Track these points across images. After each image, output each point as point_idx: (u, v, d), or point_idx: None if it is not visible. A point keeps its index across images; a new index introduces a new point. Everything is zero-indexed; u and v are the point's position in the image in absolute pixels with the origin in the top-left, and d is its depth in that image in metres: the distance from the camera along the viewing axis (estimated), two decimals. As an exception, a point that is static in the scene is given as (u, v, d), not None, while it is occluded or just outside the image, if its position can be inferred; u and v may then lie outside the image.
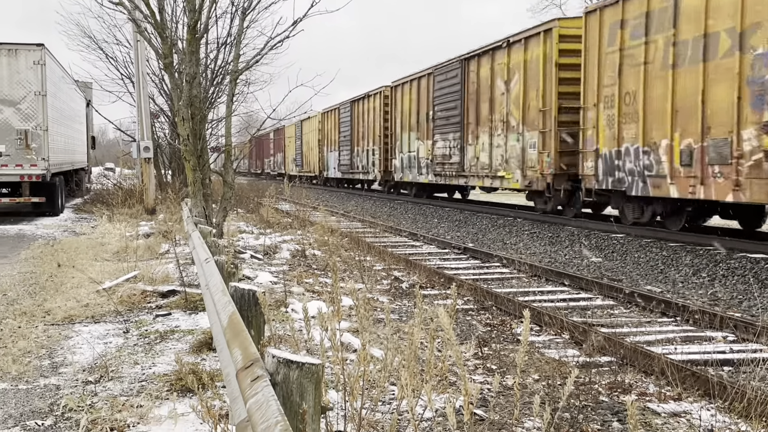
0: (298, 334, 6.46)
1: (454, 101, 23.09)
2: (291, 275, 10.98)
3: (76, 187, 30.49)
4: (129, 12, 13.84)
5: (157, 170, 26.95)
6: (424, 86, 26.13)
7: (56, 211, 22.05)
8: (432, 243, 15.59)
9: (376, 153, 32.25)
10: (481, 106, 21.20)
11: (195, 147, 12.44)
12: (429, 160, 25.46)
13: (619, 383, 5.84)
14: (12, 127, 19.75)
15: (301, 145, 49.23)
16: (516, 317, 8.32)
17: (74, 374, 6.10)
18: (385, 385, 4.15)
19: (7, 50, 19.78)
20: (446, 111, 23.80)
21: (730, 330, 7.48)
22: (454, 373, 5.82)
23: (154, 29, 12.76)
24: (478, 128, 21.40)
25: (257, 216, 20.99)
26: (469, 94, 22.03)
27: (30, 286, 10.19)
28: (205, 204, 12.71)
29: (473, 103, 21.73)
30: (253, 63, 15.35)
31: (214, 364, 6.02)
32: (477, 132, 21.51)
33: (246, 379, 2.91)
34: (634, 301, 9.07)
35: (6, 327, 7.69)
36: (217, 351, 4.50)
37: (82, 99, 30.99)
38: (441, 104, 24.27)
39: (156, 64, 26.28)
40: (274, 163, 63.10)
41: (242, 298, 4.62)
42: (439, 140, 24.42)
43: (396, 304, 9.23)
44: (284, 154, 56.98)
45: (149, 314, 8.43)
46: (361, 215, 23.03)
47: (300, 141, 49.61)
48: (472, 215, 20.95)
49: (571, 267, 12.18)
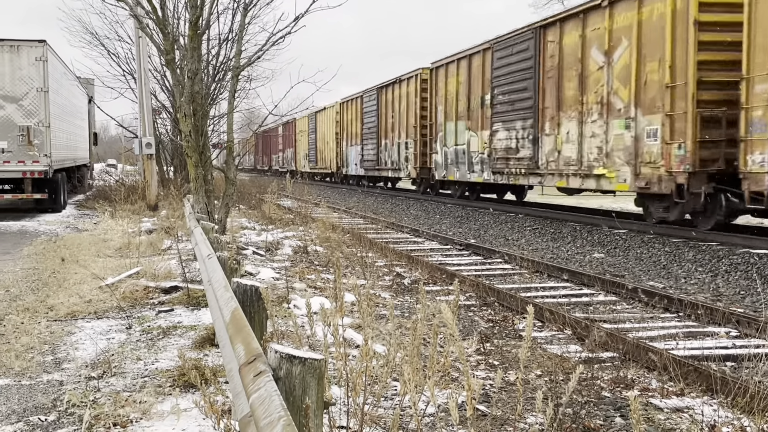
0: (300, 329, 6.46)
1: (523, 81, 18.72)
2: (293, 271, 10.98)
3: (79, 184, 30.53)
4: (131, 8, 13.83)
5: (159, 166, 26.95)
6: (477, 65, 21.52)
7: (58, 208, 22.07)
8: (434, 239, 15.58)
9: (410, 147, 27.98)
10: (565, 86, 16.88)
11: (197, 143, 12.43)
12: (485, 154, 21.09)
13: (622, 379, 5.84)
14: (14, 124, 19.75)
15: (316, 139, 44.99)
16: (518, 313, 8.32)
17: (77, 370, 6.11)
18: (388, 381, 4.15)
19: (9, 47, 19.78)
20: (511, 94, 19.39)
21: (733, 325, 7.48)
22: (456, 369, 5.83)
23: (156, 25, 12.73)
24: (560, 113, 17.08)
25: (259, 212, 20.99)
26: (546, 71, 17.69)
27: (33, 282, 10.20)
28: (207, 200, 12.70)
29: (552, 81, 17.41)
30: (254, 59, 15.31)
31: (216, 360, 6.03)
32: (558, 118, 17.15)
33: (249, 374, 2.91)
34: (636, 296, 9.06)
35: (9, 323, 7.70)
36: (220, 346, 4.50)
37: (84, 95, 30.99)
38: (503, 85, 19.80)
39: (158, 61, 26.25)
40: (283, 159, 58.00)
41: (245, 294, 4.62)
42: (501, 130, 19.99)
43: (398, 300, 9.23)
44: (295, 149, 52.30)
45: (152, 310, 8.43)
46: (363, 211, 23.02)
47: (314, 135, 45.27)
48: (474, 211, 20.93)
49: (574, 263, 12.17)
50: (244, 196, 25.59)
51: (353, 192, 34.26)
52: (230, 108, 13.78)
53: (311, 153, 46.59)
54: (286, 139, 55.71)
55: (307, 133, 47.24)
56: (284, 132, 55.56)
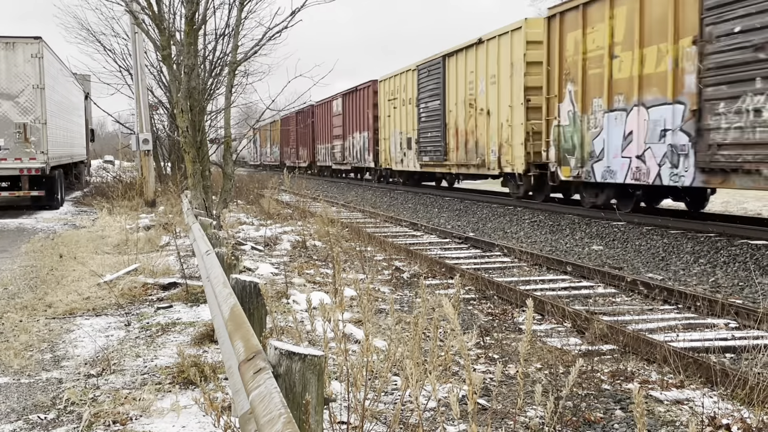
0: (300, 325, 6.46)
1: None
2: (292, 266, 10.97)
3: (76, 180, 30.48)
4: (126, 4, 13.79)
5: (156, 162, 26.92)
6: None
7: (56, 205, 22.03)
8: (432, 233, 15.57)
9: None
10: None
11: (194, 139, 12.41)
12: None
13: (622, 371, 5.83)
14: (11, 121, 19.71)
15: (444, 112, 23.94)
16: (518, 306, 8.32)
17: (76, 368, 6.10)
18: (388, 376, 4.14)
19: (4, 43, 19.72)
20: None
21: (732, 317, 7.48)
22: (456, 363, 5.82)
23: (152, 21, 12.70)
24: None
25: (257, 207, 20.97)
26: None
27: (31, 280, 10.18)
28: (205, 196, 12.69)
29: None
30: (251, 54, 15.29)
31: (216, 356, 6.02)
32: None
33: (248, 371, 2.90)
34: (635, 288, 9.06)
35: (7, 321, 7.69)
36: (219, 343, 4.49)
37: (80, 92, 30.92)
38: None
39: (154, 56, 26.19)
40: (343, 150, 37.00)
41: (243, 290, 4.61)
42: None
43: (397, 294, 9.22)
44: (375, 133, 31.80)
45: (150, 307, 8.42)
46: (361, 205, 23.00)
47: (440, 101, 24.09)
48: (472, 204, 20.92)
49: (573, 255, 12.17)
50: (241, 191, 25.58)
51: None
52: (227, 103, 13.76)
53: (431, 136, 25.30)
54: (351, 117, 35.54)
55: (415, 103, 26.67)
56: (350, 105, 35.77)
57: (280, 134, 54.79)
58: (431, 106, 24.95)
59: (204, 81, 19.23)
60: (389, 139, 30.01)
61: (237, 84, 25.29)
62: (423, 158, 25.98)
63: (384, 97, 30.39)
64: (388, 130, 30.00)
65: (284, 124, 52.26)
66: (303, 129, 46.08)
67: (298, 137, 48.80)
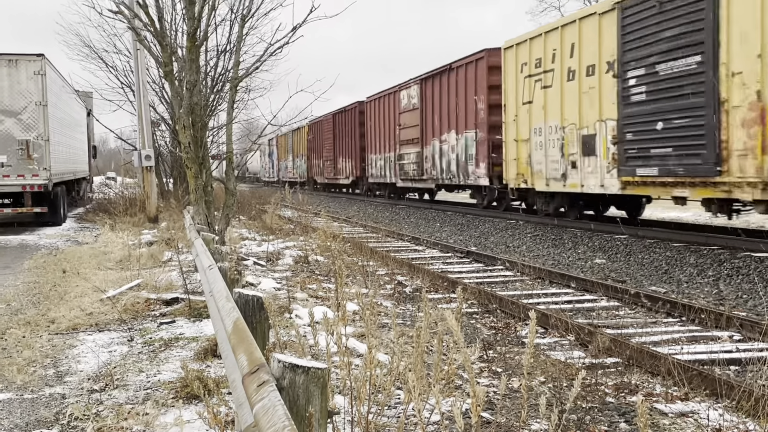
0: (303, 339, 6.45)
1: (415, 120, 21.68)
2: (294, 281, 10.97)
3: (78, 197, 30.54)
4: (128, 21, 13.85)
5: (158, 178, 26.97)
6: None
7: (58, 221, 22.06)
8: (435, 247, 15.57)
9: None
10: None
11: (196, 154, 12.44)
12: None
13: (626, 384, 5.82)
14: (13, 138, 19.77)
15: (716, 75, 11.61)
16: (520, 320, 8.30)
17: (79, 383, 6.09)
18: (392, 389, 4.13)
19: (7, 61, 19.81)
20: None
21: (736, 329, 7.46)
22: (459, 377, 5.81)
23: (154, 37, 12.77)
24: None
25: (260, 223, 20.99)
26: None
27: (34, 296, 10.19)
28: (208, 211, 12.70)
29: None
30: (253, 70, 15.35)
31: (219, 371, 6.01)
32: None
33: (252, 384, 2.90)
34: (639, 301, 9.04)
35: (11, 337, 7.69)
36: (222, 357, 4.49)
37: (82, 108, 31.04)
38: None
39: (156, 73, 26.35)
40: (421, 161, 26.00)
41: (246, 304, 4.61)
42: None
43: (400, 308, 9.21)
44: (491, 132, 20.74)
45: (153, 322, 8.42)
46: (363, 220, 23.01)
47: (708, 53, 11.62)
48: (474, 219, 20.92)
49: (575, 269, 12.16)
50: (243, 207, 25.61)
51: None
52: (229, 119, 13.80)
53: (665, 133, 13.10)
54: (449, 107, 23.54)
55: (616, 66, 14.47)
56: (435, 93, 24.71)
57: (308, 143, 45.19)
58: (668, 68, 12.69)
59: (206, 97, 19.33)
60: (529, 141, 18.04)
61: (239, 100, 25.48)
62: (638, 168, 13.68)
63: (515, 72, 18.75)
64: (526, 124, 18.16)
65: (315, 131, 43.34)
66: (345, 134, 36.35)
67: (338, 145, 37.99)
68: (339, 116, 37.82)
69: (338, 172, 38.28)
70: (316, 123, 42.58)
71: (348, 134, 36.02)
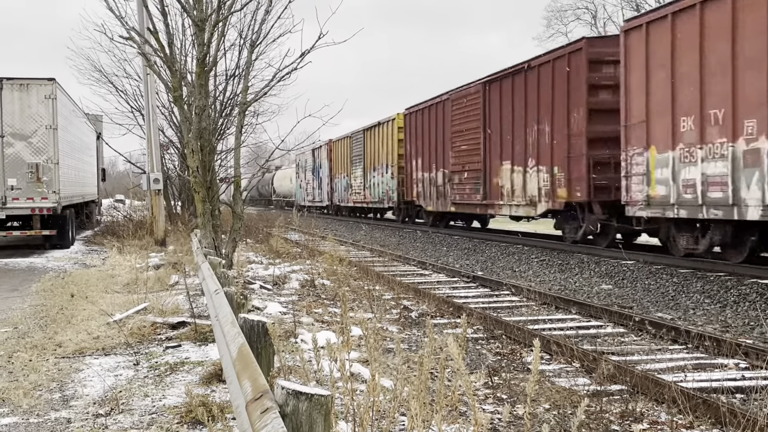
0: (307, 364, 6.46)
1: None
2: (300, 305, 10.98)
3: (87, 219, 30.66)
4: (139, 46, 14.02)
5: (166, 202, 27.10)
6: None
7: (67, 244, 22.16)
8: (441, 272, 15.57)
9: None
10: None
11: (204, 178, 12.53)
12: None
13: (631, 412, 5.80)
14: (23, 161, 19.93)
15: None
16: (526, 346, 8.30)
17: (85, 407, 6.11)
18: (395, 416, 4.14)
19: (19, 85, 20.02)
20: None
21: (741, 357, 7.44)
22: (464, 403, 5.81)
23: (164, 63, 12.91)
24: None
25: (266, 246, 21.04)
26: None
27: (41, 319, 10.23)
28: (215, 235, 12.76)
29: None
30: (261, 95, 15.50)
31: (224, 396, 6.02)
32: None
33: (256, 410, 2.93)
34: (644, 328, 9.03)
35: (17, 360, 7.72)
36: (227, 383, 4.51)
37: (92, 132, 31.27)
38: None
39: (165, 97, 26.56)
40: None
41: (251, 330, 4.64)
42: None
43: (405, 333, 9.22)
44: None
45: (159, 346, 8.44)
46: (370, 244, 23.04)
47: None
48: (481, 243, 20.92)
49: (581, 294, 12.14)
50: (250, 230, 25.67)
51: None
52: (237, 143, 13.90)
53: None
54: None
55: None
56: None
57: (409, 140, 28.49)
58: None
59: (214, 121, 19.47)
60: None
61: (247, 124, 25.64)
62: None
63: None
64: None
65: (417, 121, 27.52)
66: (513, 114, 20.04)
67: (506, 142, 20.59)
68: (492, 87, 21.44)
69: (498, 196, 21.06)
70: (423, 109, 26.83)
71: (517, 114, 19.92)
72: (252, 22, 20.12)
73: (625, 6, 46.52)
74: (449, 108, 24.33)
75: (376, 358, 4.09)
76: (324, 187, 44.00)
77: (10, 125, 19.86)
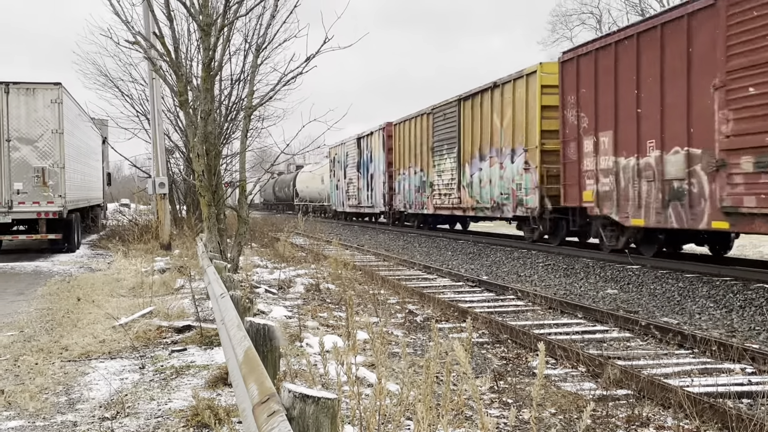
0: (313, 368, 6.47)
1: None
2: (305, 309, 10.99)
3: (92, 223, 30.71)
4: (144, 51, 14.05)
5: (172, 206, 27.13)
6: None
7: (72, 248, 22.21)
8: (446, 276, 15.56)
9: None
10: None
11: (210, 182, 12.55)
12: None
13: (637, 416, 5.79)
14: (29, 165, 19.99)
15: None
16: (531, 350, 8.28)
17: (91, 411, 6.12)
18: (401, 420, 4.14)
19: (25, 89, 20.09)
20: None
21: (748, 361, 7.42)
22: (470, 407, 5.80)
23: (170, 67, 12.95)
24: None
25: (272, 250, 21.05)
26: None
27: (47, 323, 10.25)
28: (220, 239, 12.78)
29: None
30: (266, 99, 15.53)
31: (229, 399, 6.03)
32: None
33: (262, 414, 2.93)
34: (650, 332, 9.01)
35: (23, 363, 7.73)
36: (233, 386, 4.51)
37: (98, 136, 31.34)
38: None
39: (171, 101, 26.62)
40: None
41: (257, 333, 4.64)
42: None
43: (411, 337, 9.21)
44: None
45: (165, 350, 8.45)
46: (375, 248, 23.04)
47: None
48: (485, 248, 20.90)
49: (587, 299, 12.13)
50: (255, 234, 25.69)
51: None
52: (243, 147, 13.92)
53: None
54: None
55: None
56: None
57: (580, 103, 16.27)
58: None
59: (220, 125, 19.50)
60: None
61: (252, 128, 25.63)
62: None
63: None
64: None
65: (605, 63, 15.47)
66: None
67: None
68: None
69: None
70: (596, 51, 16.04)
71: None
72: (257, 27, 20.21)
73: (629, 11, 46.55)
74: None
75: (382, 362, 4.09)
76: (377, 187, 33.33)
77: (16, 129, 19.92)
